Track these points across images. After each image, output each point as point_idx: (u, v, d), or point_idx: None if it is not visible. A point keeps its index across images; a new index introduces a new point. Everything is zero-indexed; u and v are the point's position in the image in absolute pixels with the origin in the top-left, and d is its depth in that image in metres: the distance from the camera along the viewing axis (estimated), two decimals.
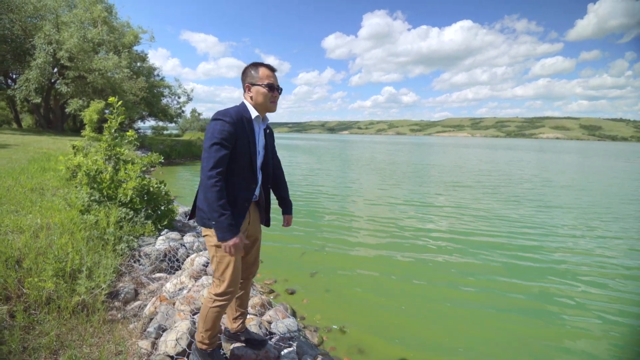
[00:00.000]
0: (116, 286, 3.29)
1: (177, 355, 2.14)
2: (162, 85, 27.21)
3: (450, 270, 5.36)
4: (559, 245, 6.82)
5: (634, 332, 3.85)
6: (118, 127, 4.61)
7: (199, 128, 34.72)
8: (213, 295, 1.79)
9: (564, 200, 11.62)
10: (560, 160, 34.27)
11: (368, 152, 39.63)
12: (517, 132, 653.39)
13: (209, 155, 1.64)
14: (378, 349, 3.41)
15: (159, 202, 4.57)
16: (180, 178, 14.99)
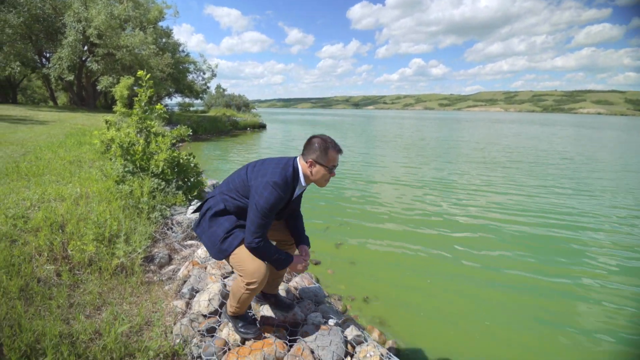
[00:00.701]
0: (151, 251, 3.46)
1: (210, 314, 2.24)
2: (188, 62, 27.43)
3: (477, 249, 5.25)
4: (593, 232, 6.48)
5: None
6: (147, 101, 4.70)
7: (224, 104, 35.03)
8: (244, 285, 1.80)
9: (604, 183, 10.93)
10: (606, 137, 31.93)
11: (395, 128, 38.72)
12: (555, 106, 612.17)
13: (259, 222, 1.71)
14: (400, 321, 3.45)
15: (189, 173, 4.69)
16: (207, 153, 15.35)
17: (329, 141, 1.84)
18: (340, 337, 1.93)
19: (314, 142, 1.84)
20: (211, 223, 1.87)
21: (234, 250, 1.80)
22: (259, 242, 1.73)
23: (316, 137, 1.85)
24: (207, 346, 1.92)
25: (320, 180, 1.88)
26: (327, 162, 1.83)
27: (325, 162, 1.82)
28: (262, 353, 1.76)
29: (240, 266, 1.78)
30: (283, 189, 1.74)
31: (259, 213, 1.70)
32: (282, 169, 1.79)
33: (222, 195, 1.90)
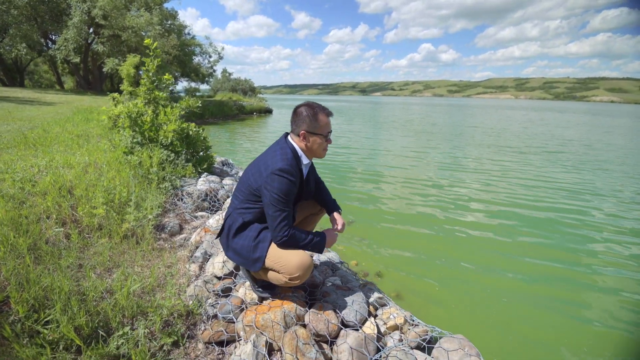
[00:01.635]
0: (162, 221, 3.39)
1: (225, 276, 2.16)
2: (193, 44, 27.08)
3: (490, 232, 5.11)
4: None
5: None
6: (155, 71, 4.56)
7: (230, 88, 34.74)
8: (285, 280, 1.66)
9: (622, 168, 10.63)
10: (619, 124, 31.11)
11: (407, 114, 38.13)
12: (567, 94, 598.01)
13: (280, 215, 1.61)
14: (416, 297, 3.36)
15: (198, 146, 4.58)
16: (215, 136, 15.24)
17: (315, 106, 1.70)
18: (362, 297, 1.83)
19: (300, 112, 1.69)
20: (236, 240, 1.77)
21: (267, 253, 1.68)
22: (287, 233, 1.62)
23: (301, 106, 1.71)
24: (223, 304, 1.83)
25: (318, 151, 1.75)
26: (320, 129, 1.68)
27: (319, 130, 1.68)
28: (283, 310, 1.66)
29: (279, 263, 1.65)
30: (291, 173, 1.62)
31: (276, 206, 1.60)
32: (281, 154, 1.67)
33: (237, 211, 1.78)
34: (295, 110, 1.71)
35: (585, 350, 2.73)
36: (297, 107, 1.71)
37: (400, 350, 1.51)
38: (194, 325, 1.91)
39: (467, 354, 1.42)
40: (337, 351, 1.52)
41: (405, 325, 1.73)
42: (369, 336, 1.56)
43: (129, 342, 1.62)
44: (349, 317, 1.69)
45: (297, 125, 1.70)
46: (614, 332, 2.99)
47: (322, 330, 1.59)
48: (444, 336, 1.57)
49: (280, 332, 1.60)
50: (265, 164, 1.66)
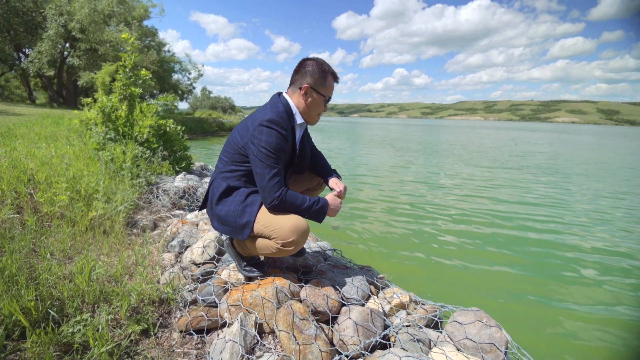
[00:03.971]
0: (134, 218, 3.09)
1: (205, 262, 1.91)
2: (173, 61, 26.85)
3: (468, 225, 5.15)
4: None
5: None
6: (133, 66, 4.34)
7: (210, 106, 34.47)
8: (277, 246, 1.44)
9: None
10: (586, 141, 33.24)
11: (391, 134, 38.97)
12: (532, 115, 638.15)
13: (270, 172, 1.40)
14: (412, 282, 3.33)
15: (176, 144, 4.33)
16: (194, 151, 14.83)
17: (325, 64, 1.52)
18: (362, 276, 1.64)
19: (307, 65, 1.51)
20: (221, 206, 1.54)
21: (256, 218, 1.46)
22: (278, 194, 1.40)
23: (309, 59, 1.53)
24: (203, 286, 1.59)
25: (312, 114, 1.57)
26: (325, 89, 1.52)
27: (323, 90, 1.52)
28: (274, 286, 1.44)
29: (270, 227, 1.42)
30: (281, 125, 1.43)
31: (264, 162, 1.39)
32: (272, 107, 1.49)
33: (221, 175, 1.57)
34: (302, 62, 1.54)
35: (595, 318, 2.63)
36: (304, 59, 1.55)
37: (411, 327, 1.32)
38: (168, 314, 1.65)
39: (486, 324, 1.25)
40: (340, 329, 1.31)
41: (411, 304, 1.54)
42: (376, 311, 1.36)
43: (87, 328, 1.34)
44: (350, 293, 1.49)
45: (301, 76, 1.52)
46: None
47: (322, 305, 1.38)
48: (457, 310, 1.39)
49: (272, 310, 1.38)
50: (253, 119, 1.48)
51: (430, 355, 1.22)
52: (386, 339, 1.33)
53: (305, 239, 1.42)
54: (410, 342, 1.27)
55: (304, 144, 1.69)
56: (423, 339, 1.30)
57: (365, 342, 1.25)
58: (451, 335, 1.30)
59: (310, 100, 1.53)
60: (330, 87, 1.55)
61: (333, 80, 1.56)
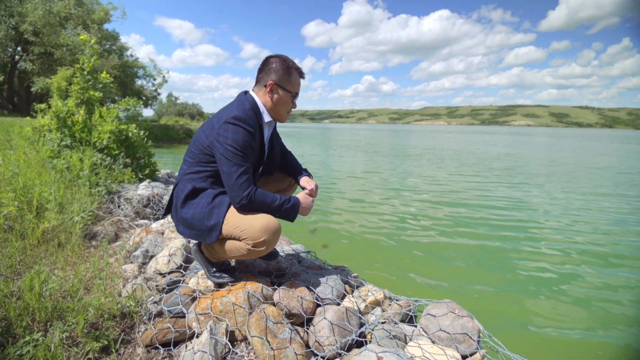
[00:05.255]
0: (93, 229, 2.89)
1: (171, 272, 1.81)
2: (136, 66, 25.82)
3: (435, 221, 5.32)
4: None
5: None
6: (91, 69, 4.11)
7: (176, 113, 33.43)
8: (247, 247, 1.38)
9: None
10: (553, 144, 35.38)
11: (366, 138, 39.52)
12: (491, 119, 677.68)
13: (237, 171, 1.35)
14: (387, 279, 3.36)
15: (138, 150, 4.13)
16: (159, 158, 14.28)
17: (289, 60, 1.51)
18: (337, 276, 1.62)
19: (271, 62, 1.49)
20: (186, 209, 1.46)
21: (224, 219, 1.39)
22: (247, 193, 1.35)
23: (273, 57, 1.51)
24: (169, 296, 1.50)
25: (281, 111, 1.54)
26: (290, 85, 1.50)
27: (288, 85, 1.49)
28: (246, 290, 1.38)
29: (240, 228, 1.36)
30: (247, 122, 1.39)
31: (231, 160, 1.35)
32: (238, 104, 1.46)
33: (186, 177, 1.50)
34: (266, 59, 1.51)
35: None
36: (268, 57, 1.51)
37: (387, 323, 1.31)
38: (131, 328, 1.54)
39: (459, 315, 1.27)
40: (315, 330, 1.28)
41: (386, 300, 1.54)
42: (351, 309, 1.34)
43: (37, 349, 1.22)
44: (325, 293, 1.46)
45: (265, 74, 1.49)
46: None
47: (296, 307, 1.33)
48: (430, 303, 1.40)
49: (244, 316, 1.32)
50: (219, 117, 1.42)
51: (407, 350, 1.21)
52: (362, 336, 1.31)
53: (276, 238, 1.37)
54: (386, 339, 1.26)
55: (273, 143, 1.65)
56: (399, 334, 1.30)
57: (341, 342, 1.22)
58: (426, 329, 1.30)
59: (276, 97, 1.50)
60: (296, 82, 1.53)
61: (298, 75, 1.54)
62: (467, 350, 1.21)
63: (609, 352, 2.46)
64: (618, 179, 10.43)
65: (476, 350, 1.23)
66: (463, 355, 1.21)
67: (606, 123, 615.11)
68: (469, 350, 1.21)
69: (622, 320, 2.82)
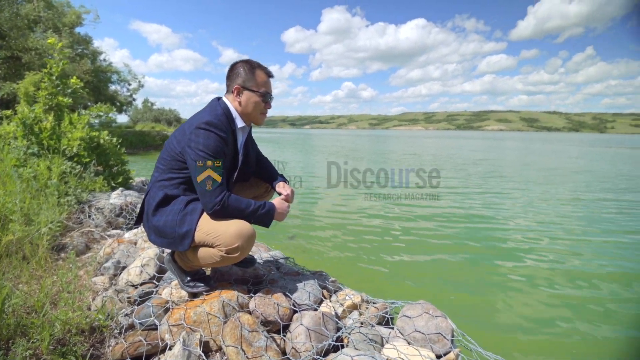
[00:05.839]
0: (62, 240, 2.77)
1: (144, 283, 1.76)
2: (110, 71, 25.07)
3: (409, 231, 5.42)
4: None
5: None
6: (61, 74, 3.96)
7: (153, 119, 32.61)
8: (220, 254, 1.36)
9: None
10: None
11: (342, 144, 39.75)
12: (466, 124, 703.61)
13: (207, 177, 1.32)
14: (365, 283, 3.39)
15: (111, 158, 4.00)
16: (134, 166, 13.88)
17: (253, 62, 1.52)
18: (314, 281, 1.62)
19: (236, 67, 1.50)
20: (158, 217, 1.43)
21: (197, 226, 1.37)
22: (220, 198, 1.33)
23: (238, 62, 1.52)
24: (140, 308, 1.45)
25: (253, 113, 1.52)
26: (257, 85, 1.48)
27: (254, 86, 1.48)
28: (221, 299, 1.36)
29: (213, 234, 1.34)
30: (219, 128, 1.38)
31: (202, 162, 1.33)
32: (210, 110, 1.45)
33: (157, 184, 1.47)
34: (231, 66, 1.51)
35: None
36: (233, 63, 1.51)
37: (364, 326, 1.32)
38: (100, 343, 1.47)
39: (433, 315, 1.30)
40: (292, 336, 1.27)
41: (363, 304, 1.55)
42: (328, 314, 1.34)
43: None
44: (302, 299, 1.45)
45: (232, 80, 1.49)
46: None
47: (272, 315, 1.32)
48: (406, 305, 1.42)
49: (218, 325, 1.29)
50: (190, 123, 1.41)
51: (383, 352, 1.22)
52: (340, 341, 1.32)
53: (251, 244, 1.36)
54: (363, 342, 1.26)
55: (248, 149, 1.64)
56: (375, 336, 1.31)
57: (317, 347, 1.22)
58: (402, 330, 1.32)
59: (244, 99, 1.49)
60: (262, 81, 1.51)
61: (265, 75, 1.52)
62: (442, 349, 1.24)
63: (579, 348, 2.56)
64: (590, 181, 10.97)
65: (450, 350, 1.25)
66: (437, 355, 1.24)
67: (573, 127, 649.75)
68: (443, 349, 1.24)
69: (594, 318, 2.94)
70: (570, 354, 2.51)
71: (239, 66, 1.49)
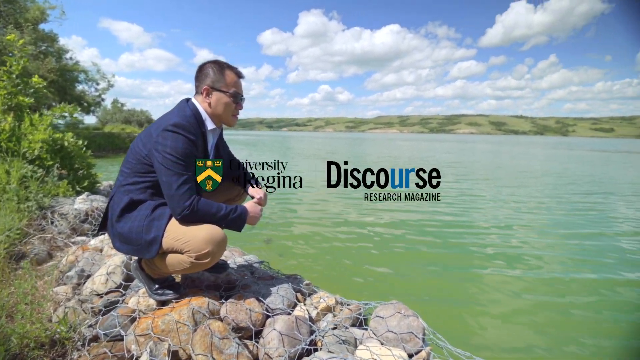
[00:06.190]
0: (21, 250, 2.61)
1: (110, 291, 1.68)
2: (77, 70, 23.91)
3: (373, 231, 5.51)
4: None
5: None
6: (21, 72, 3.74)
7: (123, 120, 31.41)
8: (190, 260, 1.31)
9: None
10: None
11: (321, 147, 39.80)
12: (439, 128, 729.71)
13: (178, 180, 1.29)
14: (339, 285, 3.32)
15: (76, 161, 3.81)
16: (102, 169, 13.28)
17: (222, 62, 1.49)
18: (288, 285, 1.60)
19: (205, 67, 1.47)
20: (122, 223, 1.37)
21: (165, 232, 1.32)
22: (189, 203, 1.29)
23: (206, 62, 1.49)
24: (105, 319, 1.39)
25: (224, 114, 1.49)
26: (226, 85, 1.45)
27: (224, 87, 1.45)
28: (190, 307, 1.32)
29: (182, 240, 1.29)
30: (188, 130, 1.34)
31: (171, 169, 1.29)
32: (178, 111, 1.41)
33: (122, 189, 1.41)
34: (200, 66, 1.48)
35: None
36: (201, 64, 1.48)
37: (338, 328, 1.32)
38: (62, 357, 1.39)
39: (405, 315, 1.32)
40: (264, 342, 1.25)
41: (337, 306, 1.55)
42: (301, 317, 1.33)
43: None
44: (275, 304, 1.44)
45: (200, 81, 1.46)
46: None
47: (244, 320, 1.30)
48: (379, 305, 1.44)
49: (188, 334, 1.25)
50: (157, 124, 1.36)
51: (356, 354, 1.23)
52: (313, 344, 1.31)
53: (222, 249, 1.33)
54: (337, 344, 1.27)
55: (219, 152, 1.61)
56: (349, 338, 1.31)
57: (290, 352, 1.21)
58: (375, 331, 1.33)
59: (214, 100, 1.45)
60: (232, 81, 1.48)
61: (234, 75, 1.49)
62: (413, 348, 1.26)
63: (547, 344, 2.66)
64: (557, 183, 11.54)
65: (422, 348, 1.28)
66: (409, 354, 1.26)
67: (538, 131, 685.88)
68: (414, 348, 1.26)
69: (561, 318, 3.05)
70: (538, 349, 2.61)
71: (207, 67, 1.46)
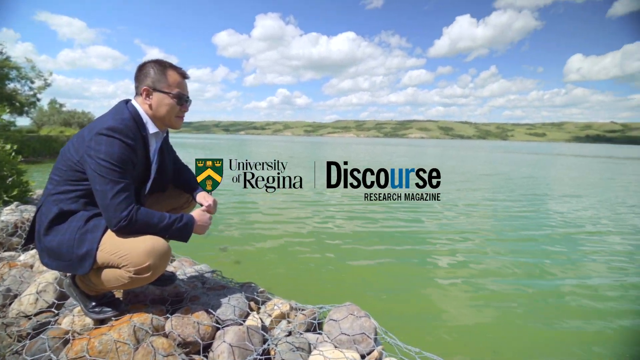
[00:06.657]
0: None
1: (42, 310, 1.52)
2: (7, 66, 21.53)
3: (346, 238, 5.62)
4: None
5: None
6: None
7: (62, 122, 28.80)
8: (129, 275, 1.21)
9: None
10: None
11: (281, 151, 39.36)
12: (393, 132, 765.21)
13: (114, 188, 1.18)
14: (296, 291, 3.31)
15: (4, 167, 3.42)
16: (38, 177, 12.06)
17: (164, 62, 1.40)
18: (241, 294, 1.56)
19: (145, 67, 1.37)
20: (51, 237, 1.24)
21: (99, 245, 1.21)
22: (129, 214, 1.19)
23: (147, 62, 1.39)
24: (33, 342, 1.24)
25: (168, 117, 1.39)
26: (169, 86, 1.36)
27: (166, 87, 1.36)
28: (132, 324, 1.23)
29: (118, 254, 1.19)
30: (124, 134, 1.23)
31: (105, 177, 1.18)
32: (115, 114, 1.30)
33: (51, 198, 1.28)
34: (140, 66, 1.38)
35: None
36: (141, 63, 1.38)
37: (292, 335, 1.31)
38: None
39: (357, 316, 1.34)
40: (214, 356, 1.20)
41: (292, 312, 1.54)
42: (253, 327, 1.29)
43: None
44: (226, 314, 1.38)
45: (139, 81, 1.36)
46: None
47: (191, 335, 1.23)
48: (332, 308, 1.45)
49: (129, 354, 1.16)
50: (91, 128, 1.25)
51: (310, 359, 1.22)
52: (266, 353, 1.28)
53: (165, 262, 1.25)
54: (290, 352, 1.25)
55: (164, 157, 1.51)
56: (303, 344, 1.30)
57: None
58: (329, 334, 1.34)
59: (155, 102, 1.36)
60: (175, 81, 1.39)
61: (177, 74, 1.40)
62: (366, 349, 1.28)
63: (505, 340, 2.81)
64: (501, 183, 12.48)
65: (374, 348, 1.30)
66: (362, 355, 1.27)
67: (481, 135, 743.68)
68: (367, 349, 1.28)
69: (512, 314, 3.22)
70: (488, 344, 2.76)
71: (147, 66, 1.36)
